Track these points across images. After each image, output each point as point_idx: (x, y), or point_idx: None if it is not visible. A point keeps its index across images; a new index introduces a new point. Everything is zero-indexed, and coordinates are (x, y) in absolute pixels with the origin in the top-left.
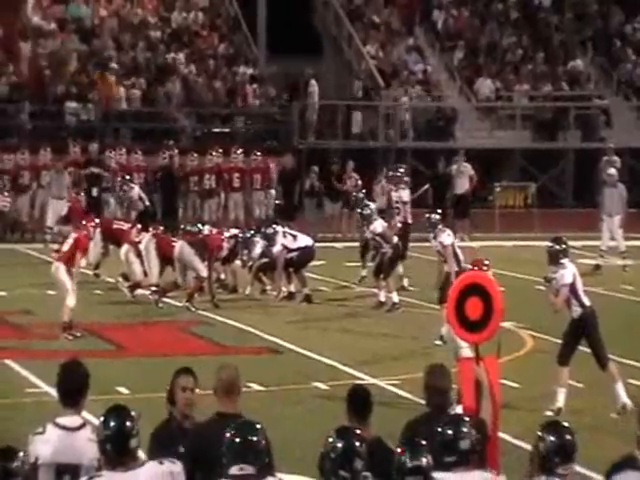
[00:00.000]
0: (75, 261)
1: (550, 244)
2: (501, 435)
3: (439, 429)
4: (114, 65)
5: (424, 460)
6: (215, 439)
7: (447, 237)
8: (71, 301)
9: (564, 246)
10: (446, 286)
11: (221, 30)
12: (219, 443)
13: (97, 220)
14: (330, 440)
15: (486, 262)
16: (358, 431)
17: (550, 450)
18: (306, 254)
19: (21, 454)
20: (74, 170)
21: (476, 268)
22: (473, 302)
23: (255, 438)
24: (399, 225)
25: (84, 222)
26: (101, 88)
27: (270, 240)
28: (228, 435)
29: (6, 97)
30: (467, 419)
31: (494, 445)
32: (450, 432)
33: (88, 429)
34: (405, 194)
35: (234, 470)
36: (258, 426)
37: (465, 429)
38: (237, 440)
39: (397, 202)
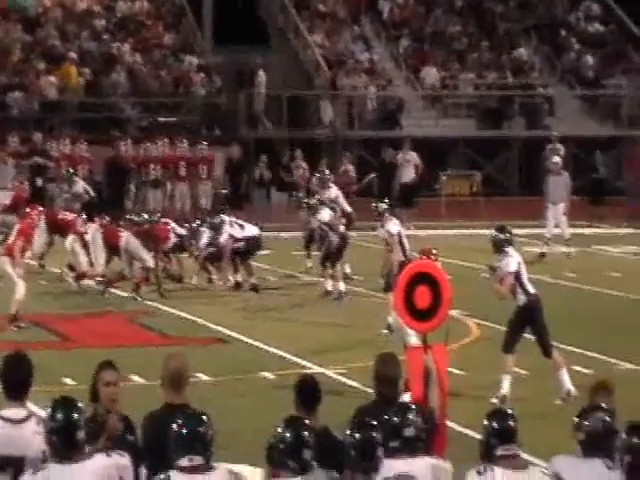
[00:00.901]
0: (16, 249)
1: (494, 233)
2: (448, 423)
3: (386, 416)
4: (73, 55)
5: (374, 435)
6: (164, 430)
7: (394, 226)
8: (20, 293)
9: (508, 235)
10: (392, 275)
11: (166, 19)
12: (168, 434)
13: (41, 209)
14: (278, 430)
15: (434, 251)
16: (307, 421)
17: (490, 434)
18: (253, 244)
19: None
20: (16, 161)
21: (424, 257)
22: (421, 291)
23: (202, 429)
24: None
25: (28, 210)
26: (61, 77)
27: (217, 230)
28: (175, 426)
29: None
30: (414, 407)
31: (442, 434)
32: (396, 419)
33: (33, 421)
34: (331, 192)
35: (184, 462)
36: (204, 417)
37: (411, 416)
38: (185, 431)
39: (330, 201)
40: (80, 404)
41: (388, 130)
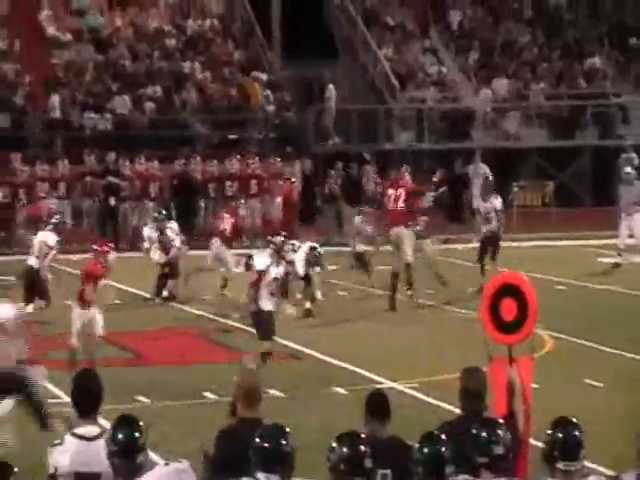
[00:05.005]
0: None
1: None
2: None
3: (474, 430)
4: (259, 74)
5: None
6: (239, 444)
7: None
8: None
9: None
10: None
11: (236, 36)
12: (243, 448)
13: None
14: (334, 450)
15: None
16: (360, 434)
17: (553, 446)
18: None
19: (16, 469)
20: (91, 180)
21: None
22: (507, 303)
23: (284, 445)
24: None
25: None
26: (249, 95)
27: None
28: (258, 441)
29: (22, 108)
30: (502, 423)
31: (525, 453)
32: (485, 435)
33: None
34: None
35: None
36: (287, 430)
37: (500, 433)
38: (266, 445)
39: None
40: (141, 423)
41: (458, 142)
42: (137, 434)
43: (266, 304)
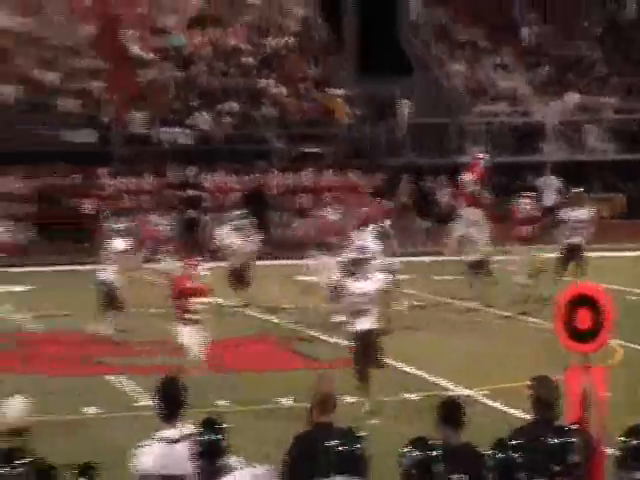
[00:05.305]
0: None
1: None
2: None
3: (549, 439)
4: (338, 90)
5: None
6: (314, 448)
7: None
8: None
9: None
10: None
11: (312, 53)
12: (318, 452)
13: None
14: (406, 455)
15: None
16: (430, 439)
17: (628, 454)
18: None
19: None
20: (172, 192)
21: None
22: (583, 313)
23: (358, 446)
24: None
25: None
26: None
27: None
28: (332, 444)
29: (107, 125)
30: (578, 431)
31: (600, 464)
32: (559, 443)
33: (188, 441)
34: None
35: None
36: (361, 434)
37: (574, 441)
38: (340, 449)
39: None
40: (224, 426)
41: (529, 155)
42: (221, 437)
43: (360, 324)
